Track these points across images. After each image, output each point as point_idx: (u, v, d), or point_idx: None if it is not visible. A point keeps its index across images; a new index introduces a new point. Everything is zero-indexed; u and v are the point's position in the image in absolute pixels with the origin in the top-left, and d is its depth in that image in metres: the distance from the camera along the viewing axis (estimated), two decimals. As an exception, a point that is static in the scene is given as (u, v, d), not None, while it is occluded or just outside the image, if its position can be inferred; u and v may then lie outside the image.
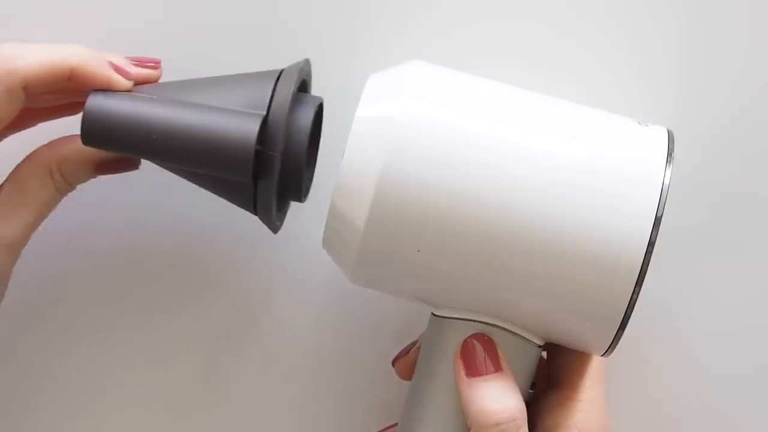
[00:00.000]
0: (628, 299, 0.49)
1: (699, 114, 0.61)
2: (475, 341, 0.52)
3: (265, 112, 0.50)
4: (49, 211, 0.55)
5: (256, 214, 0.53)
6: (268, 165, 0.50)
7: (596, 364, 0.56)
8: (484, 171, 0.49)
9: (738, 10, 0.61)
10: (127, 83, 0.52)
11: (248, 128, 0.49)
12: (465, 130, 0.49)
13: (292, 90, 0.50)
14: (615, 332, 0.50)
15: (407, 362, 0.58)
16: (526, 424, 0.51)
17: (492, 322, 0.52)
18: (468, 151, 0.49)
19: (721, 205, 0.61)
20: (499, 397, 0.50)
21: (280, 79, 0.51)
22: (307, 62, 0.54)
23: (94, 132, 0.51)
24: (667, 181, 0.49)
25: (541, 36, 0.61)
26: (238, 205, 0.53)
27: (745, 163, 0.61)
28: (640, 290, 0.48)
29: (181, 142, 0.50)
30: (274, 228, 0.53)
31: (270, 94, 0.50)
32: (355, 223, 0.49)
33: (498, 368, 0.51)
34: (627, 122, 0.52)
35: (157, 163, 0.53)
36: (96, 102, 0.51)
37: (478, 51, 0.61)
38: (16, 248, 0.53)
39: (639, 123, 0.52)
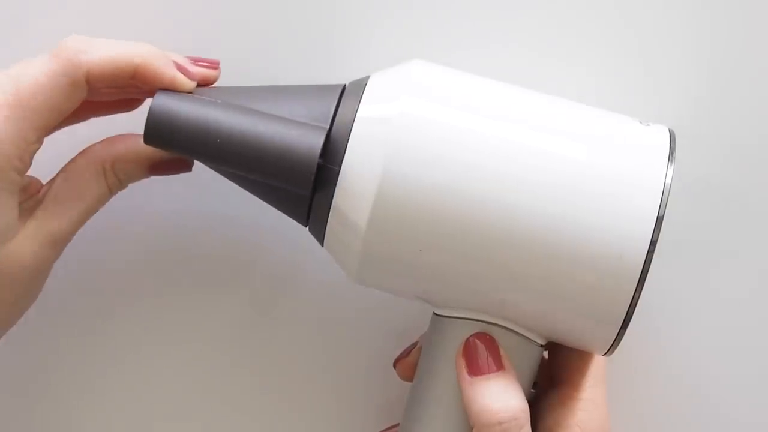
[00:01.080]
0: (630, 299, 0.49)
1: (700, 113, 0.61)
2: (476, 340, 0.52)
3: (328, 126, 0.50)
4: (98, 209, 0.54)
5: (306, 225, 0.52)
6: (327, 179, 0.50)
7: (597, 363, 0.56)
8: (484, 171, 0.49)
9: (743, 10, 0.61)
10: (190, 83, 0.52)
11: (312, 141, 0.49)
12: (466, 131, 0.49)
13: (356, 106, 0.50)
14: (617, 332, 0.50)
15: (409, 363, 0.58)
16: (529, 423, 0.51)
17: (494, 321, 0.52)
18: (469, 151, 0.49)
19: (721, 205, 0.61)
20: (501, 396, 0.50)
21: (344, 93, 0.51)
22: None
23: (158, 132, 0.50)
24: (668, 181, 0.49)
25: (542, 35, 0.61)
26: (288, 215, 0.53)
27: (746, 163, 0.61)
28: (641, 290, 0.48)
29: (244, 148, 0.49)
30: (323, 241, 0.53)
31: (334, 107, 0.50)
32: (357, 224, 0.49)
33: (500, 367, 0.51)
34: (628, 121, 0.52)
35: (212, 167, 0.52)
36: (162, 101, 0.50)
37: (479, 50, 0.61)
38: (61, 244, 0.53)
39: (640, 122, 0.52)
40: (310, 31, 0.60)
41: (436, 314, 0.54)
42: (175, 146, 0.50)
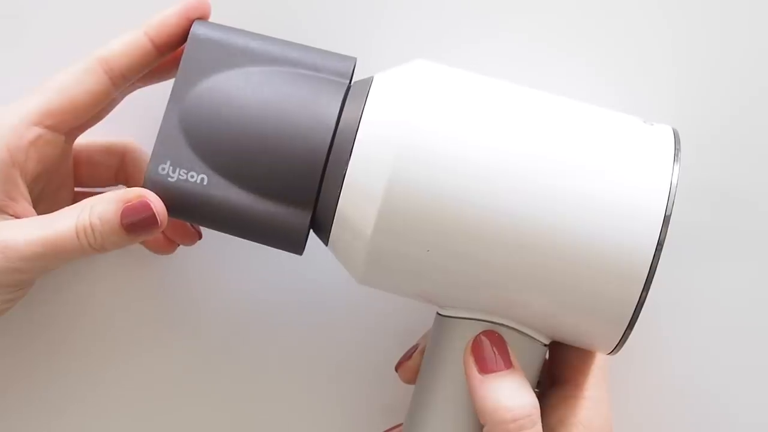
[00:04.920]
0: (637, 298, 0.49)
1: (700, 113, 0.61)
2: (485, 338, 0.52)
3: (312, 209, 0.51)
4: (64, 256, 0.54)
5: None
6: (332, 182, 0.50)
7: (599, 362, 0.56)
8: (492, 173, 0.49)
9: (741, 10, 0.61)
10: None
11: (298, 225, 0.51)
12: (472, 132, 0.49)
13: (361, 108, 0.50)
14: (623, 332, 0.50)
15: (411, 367, 0.58)
16: (540, 420, 0.51)
17: (499, 321, 0.52)
18: (475, 153, 0.49)
19: (723, 205, 0.62)
20: (513, 393, 0.50)
21: (348, 95, 0.51)
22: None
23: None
24: (675, 181, 0.49)
25: (543, 34, 0.61)
26: None
27: (747, 163, 0.61)
28: (648, 289, 0.49)
29: (231, 230, 0.52)
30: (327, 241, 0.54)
31: (338, 111, 0.51)
32: (364, 227, 0.49)
33: (509, 365, 0.51)
34: (633, 121, 0.52)
35: None
36: (154, 177, 0.51)
37: (479, 49, 0.61)
38: (13, 254, 0.52)
39: (644, 122, 0.52)
40: (309, 31, 0.60)
41: (440, 314, 0.54)
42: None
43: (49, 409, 0.63)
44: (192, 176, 0.51)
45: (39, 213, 0.55)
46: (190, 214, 0.52)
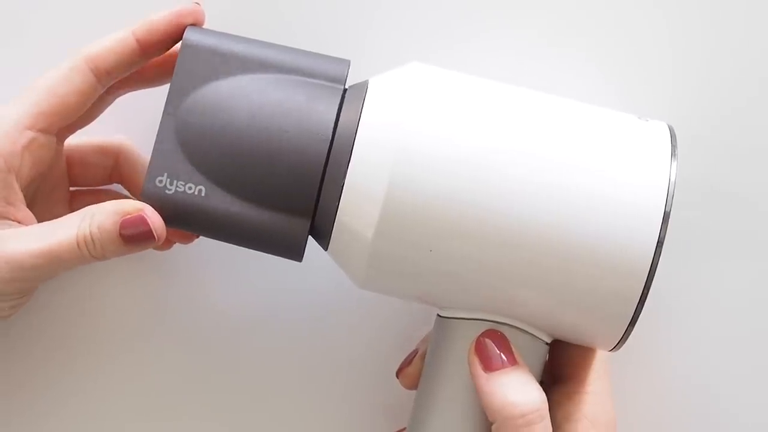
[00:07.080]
0: (639, 295, 0.49)
1: (696, 112, 0.61)
2: (487, 338, 0.52)
3: (311, 216, 0.51)
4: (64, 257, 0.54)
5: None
6: (332, 187, 0.50)
7: (600, 357, 0.56)
8: (491, 174, 0.49)
9: (737, 7, 0.61)
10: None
11: (297, 233, 0.51)
12: (470, 133, 0.49)
13: (359, 112, 0.50)
14: (625, 329, 0.50)
15: (412, 372, 0.58)
16: (548, 415, 0.51)
17: (500, 321, 0.52)
18: (474, 154, 0.49)
19: (720, 203, 0.62)
20: (521, 388, 0.51)
21: (345, 99, 0.51)
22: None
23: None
24: (673, 177, 0.49)
25: (538, 34, 0.61)
26: None
27: (744, 160, 0.61)
28: (650, 286, 0.49)
29: (230, 239, 0.52)
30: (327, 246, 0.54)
31: (335, 116, 0.50)
32: (364, 231, 0.49)
33: (514, 362, 0.51)
34: (628, 118, 0.52)
35: None
36: (151, 191, 0.51)
37: (475, 48, 0.61)
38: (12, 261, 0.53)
39: (639, 118, 0.52)
40: (301, 34, 0.60)
41: (440, 316, 0.54)
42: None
43: (46, 412, 0.63)
44: (190, 188, 0.51)
45: (34, 214, 0.55)
46: (189, 225, 0.52)
